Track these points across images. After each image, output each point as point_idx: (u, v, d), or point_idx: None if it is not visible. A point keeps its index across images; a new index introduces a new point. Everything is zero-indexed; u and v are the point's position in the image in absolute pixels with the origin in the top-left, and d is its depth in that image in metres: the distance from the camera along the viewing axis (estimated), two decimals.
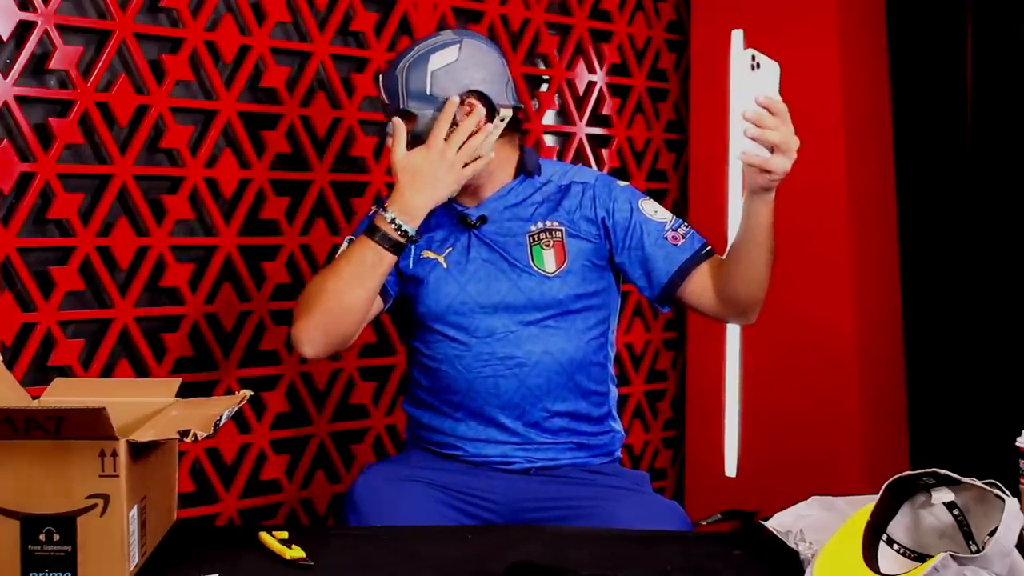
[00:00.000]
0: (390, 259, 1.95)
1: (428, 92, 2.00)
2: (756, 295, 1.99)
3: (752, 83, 1.72)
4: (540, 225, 2.06)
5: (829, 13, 3.02)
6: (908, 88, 3.20)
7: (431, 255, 2.06)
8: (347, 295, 1.95)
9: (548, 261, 2.04)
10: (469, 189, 2.05)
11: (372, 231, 1.95)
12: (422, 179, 1.95)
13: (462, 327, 2.02)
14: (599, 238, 2.06)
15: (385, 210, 1.95)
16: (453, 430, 2.04)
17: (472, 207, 2.07)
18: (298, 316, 1.99)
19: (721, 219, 3.15)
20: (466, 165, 1.98)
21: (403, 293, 2.09)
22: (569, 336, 2.03)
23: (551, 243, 2.04)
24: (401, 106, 2.02)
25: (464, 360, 2.01)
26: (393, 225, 1.93)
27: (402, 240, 1.94)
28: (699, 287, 2.03)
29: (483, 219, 2.06)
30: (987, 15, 3.12)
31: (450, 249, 2.06)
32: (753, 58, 1.72)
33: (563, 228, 2.05)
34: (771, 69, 1.74)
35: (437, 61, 2.01)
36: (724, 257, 2.00)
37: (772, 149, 1.75)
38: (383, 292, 2.04)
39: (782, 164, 1.76)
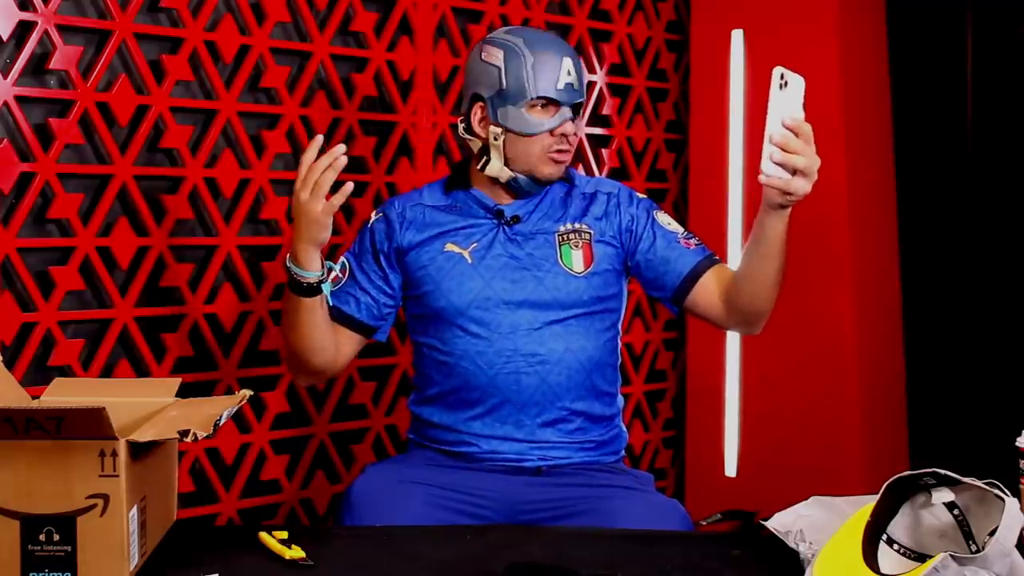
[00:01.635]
0: (306, 302, 1.96)
1: None
2: (763, 307, 2.00)
3: (780, 103, 1.70)
4: (569, 226, 2.08)
5: (829, 13, 3.02)
6: (908, 87, 3.20)
7: (455, 248, 2.07)
8: (290, 339, 2.02)
9: (577, 261, 2.05)
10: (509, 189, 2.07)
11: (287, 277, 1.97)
12: (295, 222, 1.92)
13: (484, 322, 2.02)
14: (621, 244, 2.09)
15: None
16: (468, 427, 2.03)
17: (506, 204, 2.08)
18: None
19: (721, 219, 3.16)
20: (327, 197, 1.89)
21: (418, 291, 2.08)
22: (588, 336, 2.05)
23: (580, 244, 2.06)
24: None
25: (486, 356, 2.01)
26: (291, 271, 1.95)
27: (302, 283, 1.94)
28: (708, 292, 2.05)
29: (516, 219, 2.07)
30: (987, 14, 3.12)
31: (475, 244, 2.06)
32: (782, 76, 1.69)
33: (591, 232, 2.08)
34: (797, 85, 1.71)
35: None
36: (736, 269, 2.01)
37: (794, 172, 1.75)
38: (360, 327, 2.08)
39: (803, 187, 1.76)
